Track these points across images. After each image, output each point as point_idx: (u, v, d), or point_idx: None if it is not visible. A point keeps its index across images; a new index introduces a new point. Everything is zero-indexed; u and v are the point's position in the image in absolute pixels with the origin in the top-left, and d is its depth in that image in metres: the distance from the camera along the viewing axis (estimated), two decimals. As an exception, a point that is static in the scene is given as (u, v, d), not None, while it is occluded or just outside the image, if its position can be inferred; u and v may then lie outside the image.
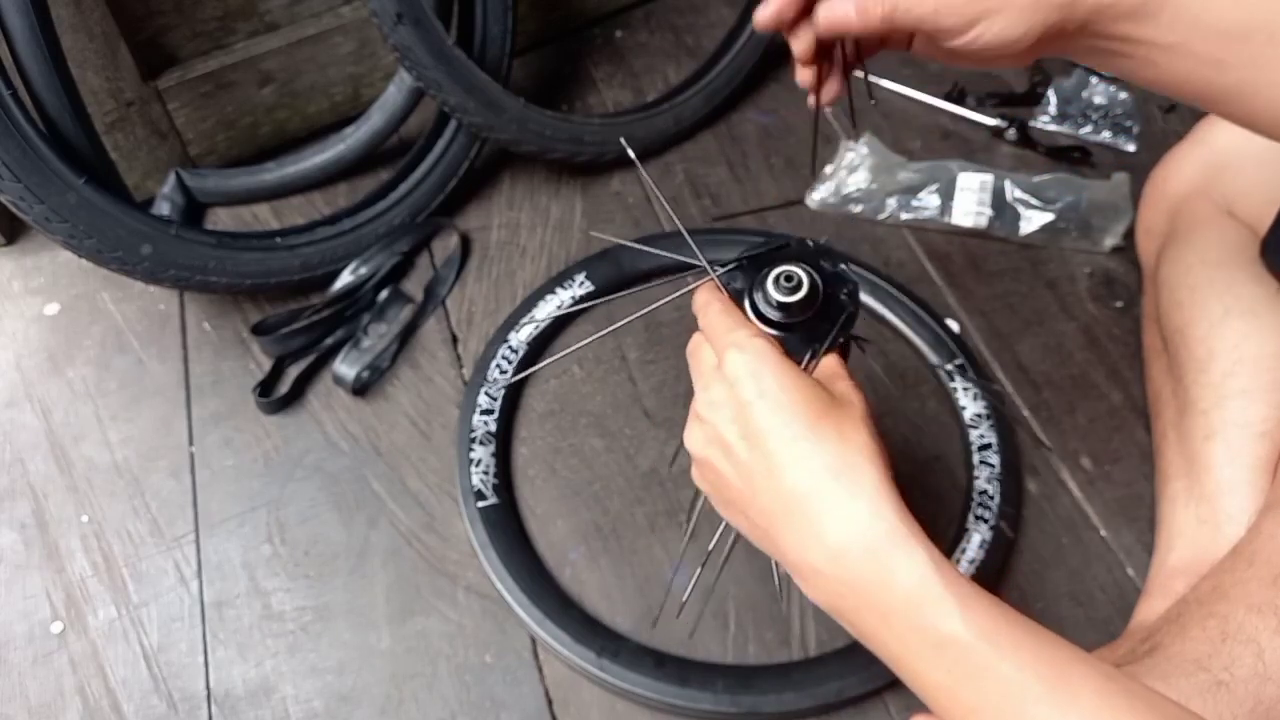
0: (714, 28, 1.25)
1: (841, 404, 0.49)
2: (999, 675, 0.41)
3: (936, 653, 0.43)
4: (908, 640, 0.44)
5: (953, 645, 0.42)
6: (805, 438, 0.47)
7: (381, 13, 0.91)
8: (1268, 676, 0.57)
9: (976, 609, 0.43)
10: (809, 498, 0.46)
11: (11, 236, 1.09)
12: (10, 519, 0.90)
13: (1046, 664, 0.41)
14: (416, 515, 0.89)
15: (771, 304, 0.53)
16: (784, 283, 0.52)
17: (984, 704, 0.42)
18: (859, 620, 0.46)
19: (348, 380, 0.95)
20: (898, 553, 0.44)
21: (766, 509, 0.48)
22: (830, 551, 0.45)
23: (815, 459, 0.46)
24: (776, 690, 0.76)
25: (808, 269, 0.53)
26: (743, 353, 0.49)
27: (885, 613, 0.44)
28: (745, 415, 0.48)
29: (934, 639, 0.43)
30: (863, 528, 0.45)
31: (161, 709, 0.80)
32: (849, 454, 0.46)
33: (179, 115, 1.06)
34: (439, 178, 1.05)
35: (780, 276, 0.52)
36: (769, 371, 0.48)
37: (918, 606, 0.43)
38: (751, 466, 0.48)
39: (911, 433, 0.92)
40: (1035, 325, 0.98)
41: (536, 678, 0.80)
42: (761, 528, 0.49)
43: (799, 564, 0.47)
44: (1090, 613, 0.82)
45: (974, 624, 0.42)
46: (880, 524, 0.45)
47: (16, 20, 0.82)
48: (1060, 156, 1.11)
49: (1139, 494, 0.87)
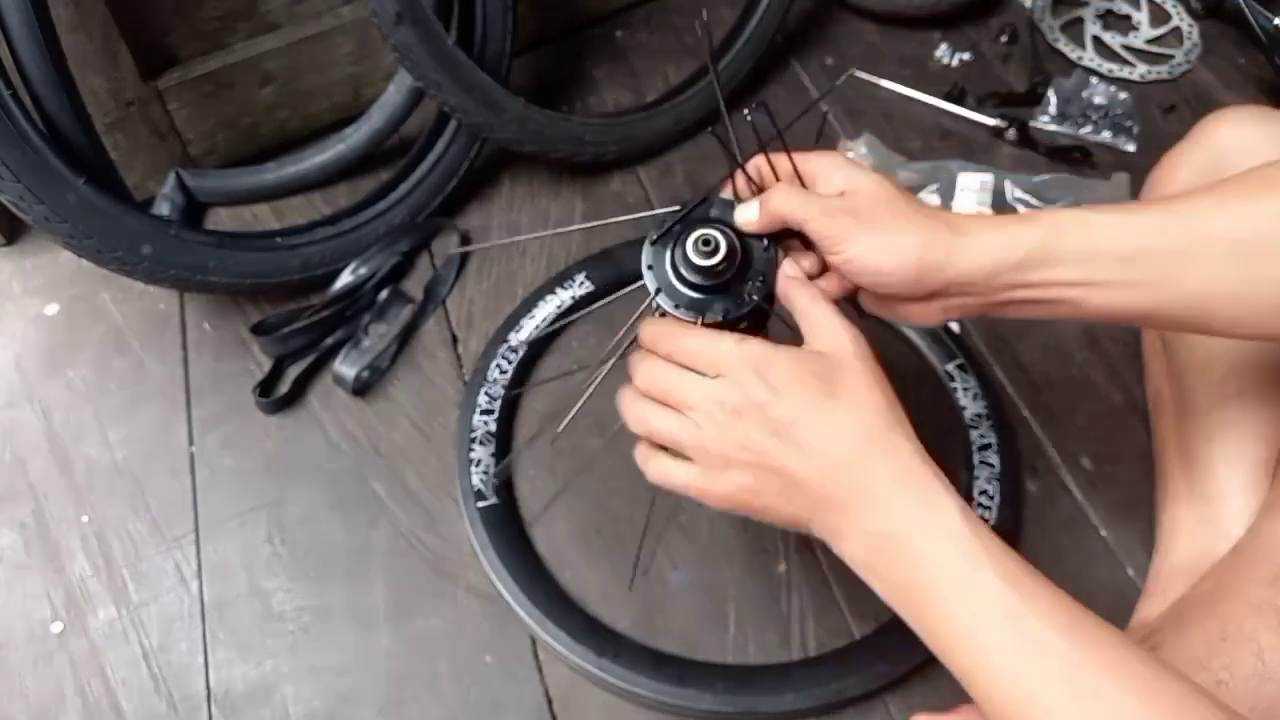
0: (714, 28, 1.25)
1: (843, 364, 0.51)
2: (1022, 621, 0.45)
3: (965, 592, 0.46)
4: (939, 583, 0.47)
5: (981, 586, 0.46)
6: (831, 415, 0.50)
7: (381, 13, 0.91)
8: (1267, 676, 0.57)
9: (1004, 559, 0.47)
10: (854, 467, 0.49)
11: (11, 236, 1.09)
12: (10, 519, 0.90)
13: (1064, 616, 0.46)
14: (416, 515, 0.89)
15: (695, 269, 0.55)
16: (702, 246, 0.54)
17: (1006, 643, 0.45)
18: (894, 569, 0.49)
19: (348, 380, 0.95)
20: (935, 500, 0.49)
21: (815, 490, 0.50)
22: (879, 507, 0.49)
23: (847, 430, 0.50)
24: (776, 690, 0.76)
25: (723, 229, 0.55)
26: (737, 355, 0.51)
27: (921, 558, 0.48)
28: (767, 414, 0.50)
29: (964, 580, 0.47)
30: (902, 480, 0.49)
31: (161, 709, 0.80)
32: (868, 415, 0.50)
33: (179, 115, 1.06)
34: (439, 178, 1.05)
35: (698, 240, 0.54)
36: (772, 365, 0.51)
37: (952, 550, 0.47)
38: (792, 457, 0.50)
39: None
40: (1035, 325, 0.98)
41: (536, 678, 0.80)
42: (808, 509, 0.51)
43: (847, 531, 0.50)
44: (1090, 613, 0.82)
45: (1001, 570, 0.46)
46: (916, 474, 0.49)
47: (16, 20, 0.82)
48: (1060, 156, 1.11)
49: (1139, 494, 0.87)
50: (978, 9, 1.26)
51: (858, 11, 1.27)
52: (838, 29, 1.27)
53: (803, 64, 1.23)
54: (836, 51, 1.24)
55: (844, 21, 1.27)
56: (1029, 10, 1.27)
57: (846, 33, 1.26)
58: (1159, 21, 1.26)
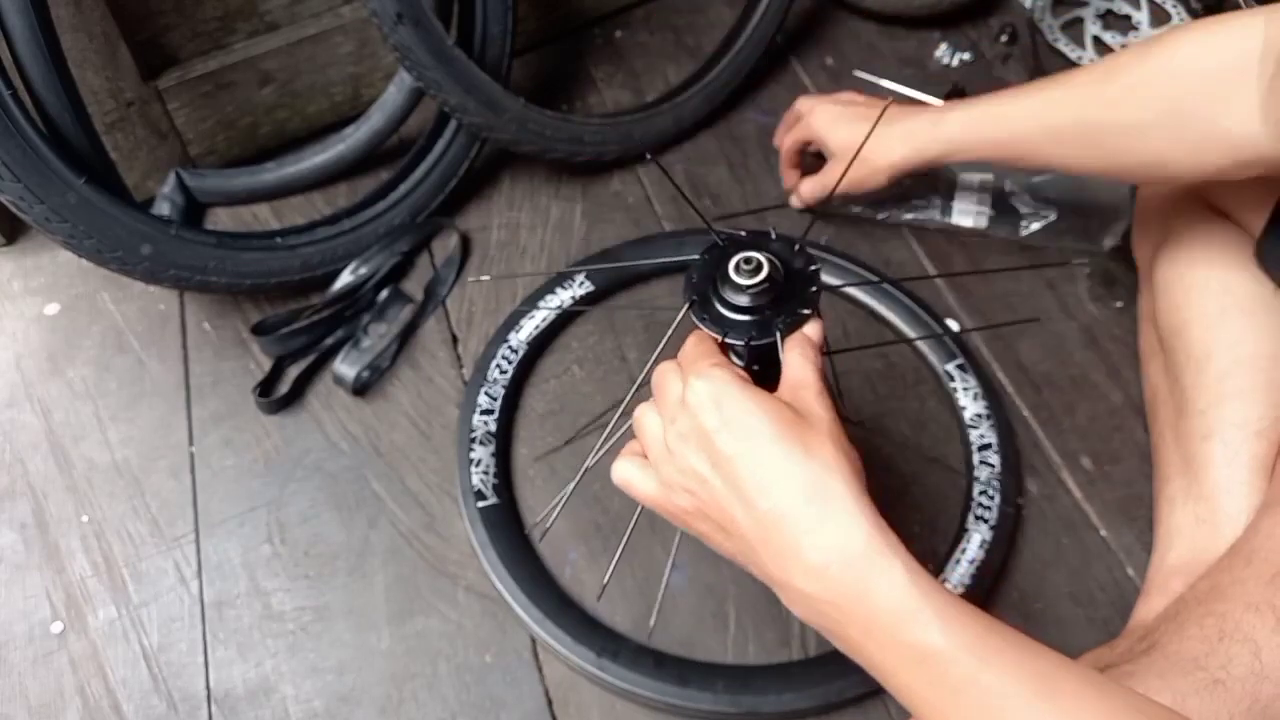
0: (714, 28, 1.25)
1: (808, 420, 0.49)
2: (981, 685, 0.42)
3: (919, 665, 0.43)
4: (890, 653, 0.44)
5: (934, 657, 0.43)
6: (773, 461, 0.47)
7: (381, 13, 0.91)
8: (1264, 675, 0.57)
9: (956, 620, 0.43)
10: (784, 520, 0.46)
11: (11, 236, 1.09)
12: (10, 519, 0.90)
13: (1029, 672, 0.41)
14: (416, 515, 0.89)
15: (738, 290, 0.54)
16: (743, 265, 0.53)
17: (968, 715, 0.42)
18: (843, 635, 0.46)
19: (348, 380, 0.95)
20: (874, 568, 0.44)
21: (745, 534, 0.48)
22: (810, 571, 0.46)
23: (786, 481, 0.46)
24: (776, 690, 0.76)
25: (771, 259, 0.54)
26: (704, 380, 0.49)
27: (867, 627, 0.45)
28: (711, 444, 0.48)
29: (916, 652, 0.43)
30: (839, 546, 0.45)
31: (161, 709, 0.80)
32: (818, 472, 0.46)
33: (179, 115, 1.06)
34: (439, 178, 1.05)
35: (740, 262, 0.53)
36: (730, 397, 0.48)
37: (898, 620, 0.43)
38: (724, 494, 0.48)
39: (911, 433, 0.92)
40: (1035, 325, 0.98)
41: (536, 678, 0.80)
42: (743, 552, 0.49)
43: (782, 583, 0.48)
44: (1090, 613, 0.82)
45: (954, 635, 0.42)
46: (855, 541, 0.45)
47: (16, 20, 0.82)
48: (1060, 156, 1.11)
49: (1139, 494, 0.87)
50: (978, 9, 1.27)
51: (858, 11, 1.27)
52: (838, 29, 1.27)
53: (803, 64, 1.23)
54: (836, 51, 1.24)
55: (844, 21, 1.27)
56: (1029, 10, 1.27)
57: (846, 33, 1.26)
58: (1159, 22, 1.26)
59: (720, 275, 0.55)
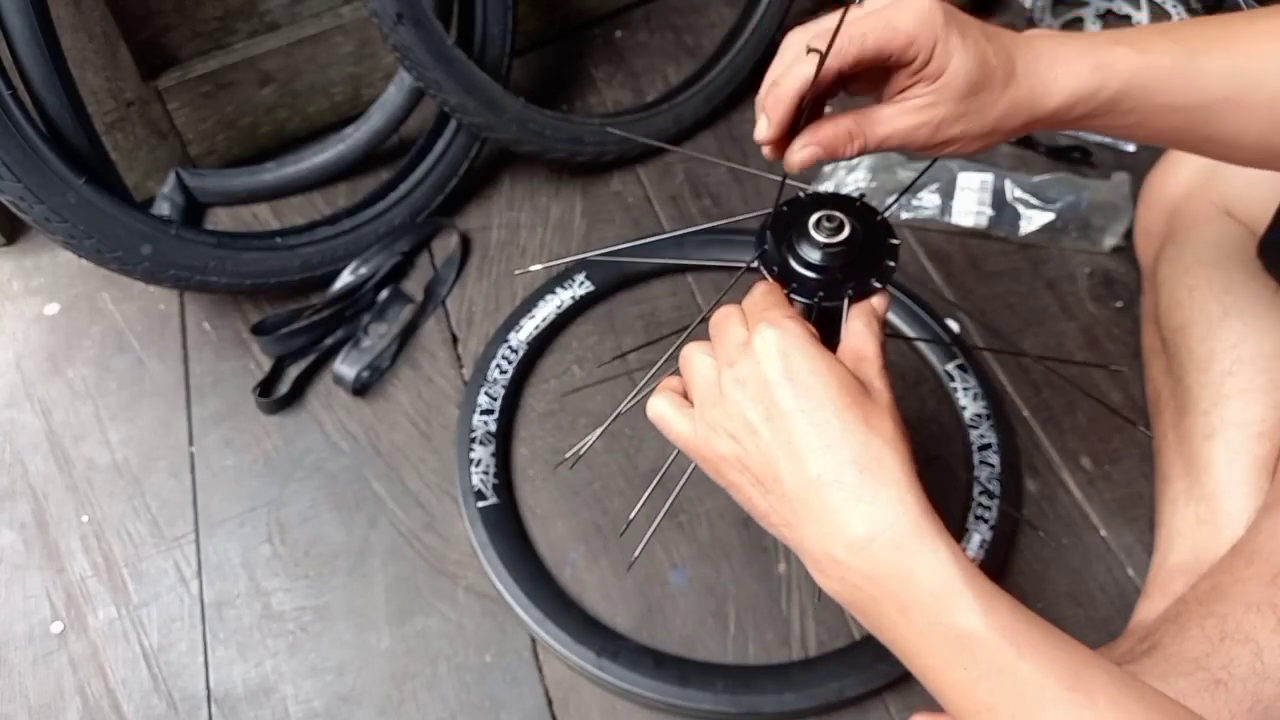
0: (714, 28, 1.25)
1: (870, 392, 0.48)
2: (1017, 674, 0.41)
3: (955, 649, 0.43)
4: (927, 635, 0.44)
5: (972, 642, 0.42)
6: (831, 425, 0.46)
7: (381, 13, 0.91)
8: (1265, 675, 0.57)
9: (997, 607, 0.43)
10: (832, 487, 0.45)
11: (11, 236, 1.09)
12: (10, 519, 0.90)
13: (1064, 666, 0.41)
14: (416, 515, 0.89)
15: (815, 246, 0.52)
16: (826, 223, 0.52)
17: (999, 702, 0.42)
18: (876, 612, 0.45)
19: (348, 380, 0.95)
20: (922, 548, 0.43)
21: (788, 494, 0.46)
22: (852, 543, 0.45)
23: (841, 448, 0.45)
24: (776, 690, 0.76)
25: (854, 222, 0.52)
26: (775, 329, 0.47)
27: (905, 606, 0.44)
28: (770, 396, 0.46)
29: (954, 635, 0.43)
30: (887, 522, 0.44)
31: (161, 709, 0.80)
32: (875, 445, 0.46)
33: (179, 115, 1.06)
34: (439, 178, 1.05)
35: (823, 218, 0.52)
36: (800, 353, 0.47)
37: (940, 601, 0.43)
38: (772, 449, 0.46)
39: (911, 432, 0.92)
40: (1035, 325, 0.98)
41: (536, 678, 0.80)
42: (780, 513, 0.48)
43: (817, 552, 0.46)
44: (1090, 613, 0.82)
45: (994, 622, 0.42)
46: (905, 519, 0.44)
47: (16, 20, 0.82)
48: (1060, 156, 1.11)
49: (1139, 494, 0.87)
50: (978, 9, 1.26)
51: (857, 11, 1.27)
52: (838, 29, 1.27)
53: (803, 64, 1.23)
54: (836, 51, 1.24)
55: (844, 21, 1.27)
56: (1029, 10, 1.27)
57: (846, 33, 1.26)
58: (1158, 22, 1.26)
59: (797, 230, 0.53)
